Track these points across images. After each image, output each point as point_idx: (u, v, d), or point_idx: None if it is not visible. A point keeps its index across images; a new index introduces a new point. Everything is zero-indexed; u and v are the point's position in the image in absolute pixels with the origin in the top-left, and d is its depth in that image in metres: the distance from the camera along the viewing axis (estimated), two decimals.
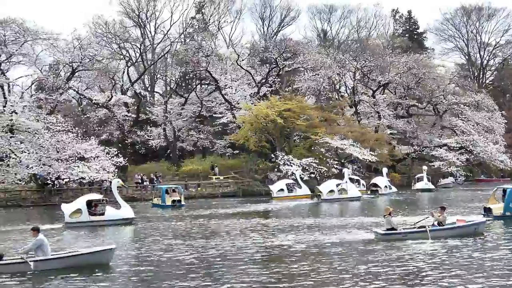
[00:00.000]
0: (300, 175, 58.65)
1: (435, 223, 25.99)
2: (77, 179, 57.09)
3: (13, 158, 56.19)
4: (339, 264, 20.07)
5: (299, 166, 61.59)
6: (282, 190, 56.53)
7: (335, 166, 64.90)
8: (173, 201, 49.22)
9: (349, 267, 19.39)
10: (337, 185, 53.71)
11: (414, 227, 26.06)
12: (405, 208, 42.63)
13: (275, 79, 76.43)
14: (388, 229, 25.54)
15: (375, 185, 60.49)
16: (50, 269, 19.85)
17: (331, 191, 52.80)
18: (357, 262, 20.25)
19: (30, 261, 19.70)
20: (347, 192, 53.60)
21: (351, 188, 54.94)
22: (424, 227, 25.34)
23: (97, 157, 57.63)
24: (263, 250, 23.73)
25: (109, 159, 57.94)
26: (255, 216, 38.43)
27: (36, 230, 20.66)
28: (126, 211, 36.62)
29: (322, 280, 17.61)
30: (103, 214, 36.24)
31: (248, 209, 44.56)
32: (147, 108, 79.64)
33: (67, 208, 36.21)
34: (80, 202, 36.71)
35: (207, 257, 22.41)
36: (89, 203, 36.91)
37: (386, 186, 60.49)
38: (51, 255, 20.56)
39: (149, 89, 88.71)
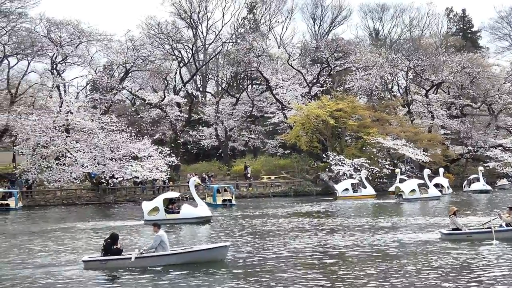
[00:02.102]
0: (365, 175, 58.33)
1: (503, 224, 25.55)
2: (130, 178, 57.96)
3: (68, 157, 57.42)
4: (406, 265, 19.88)
5: (350, 166, 61.23)
6: (347, 189, 56.23)
7: (387, 166, 64.26)
8: (224, 200, 49.49)
9: (413, 269, 19.11)
10: (419, 185, 53.37)
11: (481, 227, 25.77)
12: (469, 208, 41.98)
13: (326, 79, 76.09)
14: (453, 229, 25.30)
15: (437, 185, 59.45)
16: (167, 264, 20.27)
17: (413, 190, 52.35)
18: (423, 263, 20.01)
19: (135, 257, 20.17)
20: (427, 192, 53.11)
21: (431, 187, 54.40)
22: (490, 227, 24.98)
23: (150, 156, 58.31)
24: (342, 249, 23.64)
25: (162, 158, 58.58)
26: (326, 216, 38.25)
27: (157, 226, 21.20)
28: (202, 209, 36.49)
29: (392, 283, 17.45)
30: (179, 212, 36.47)
31: (315, 208, 44.46)
32: (199, 108, 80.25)
33: (146, 206, 36.74)
34: (158, 200, 37.20)
35: (304, 254, 22.73)
36: (169, 201, 37.37)
37: (447, 187, 59.90)
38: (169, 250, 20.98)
39: (201, 89, 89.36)
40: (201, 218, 35.74)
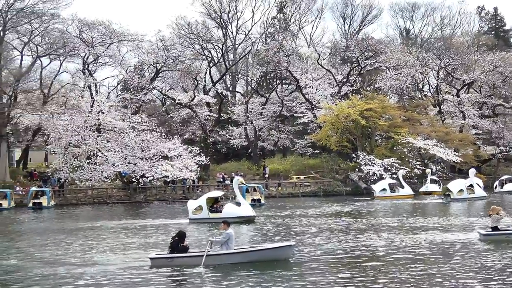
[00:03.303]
0: (402, 174, 57.95)
1: None
2: (160, 177, 58.37)
3: (100, 157, 58.09)
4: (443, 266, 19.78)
5: (380, 166, 60.94)
6: (384, 189, 55.88)
7: (418, 166, 63.79)
8: (253, 200, 49.55)
9: (452, 271, 18.94)
10: (467, 185, 53.05)
11: None
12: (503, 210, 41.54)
13: (357, 78, 75.76)
14: (492, 229, 25.16)
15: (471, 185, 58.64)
16: (232, 262, 20.40)
17: (461, 190, 51.92)
18: (462, 265, 19.94)
19: (206, 255, 20.30)
20: (474, 192, 52.74)
21: (477, 187, 53.99)
22: None
23: (180, 156, 58.70)
24: (396, 249, 23.65)
25: (192, 158, 58.95)
26: (370, 216, 38.18)
27: (226, 224, 21.29)
28: (245, 209, 36.32)
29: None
30: (221, 211, 36.43)
31: (354, 208, 44.43)
32: (229, 107, 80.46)
33: (191, 205, 37.03)
34: (202, 199, 37.47)
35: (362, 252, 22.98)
36: (215, 200, 37.59)
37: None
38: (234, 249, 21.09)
39: (230, 89, 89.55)
40: (243, 217, 35.38)
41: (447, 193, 51.80)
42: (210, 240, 21.14)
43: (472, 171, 58.26)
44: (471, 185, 53.55)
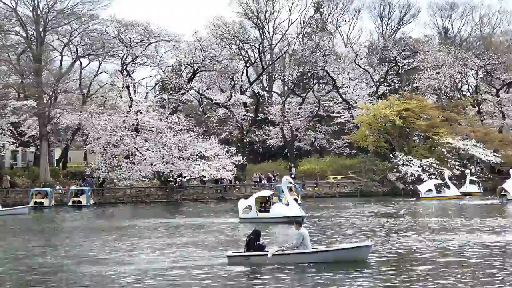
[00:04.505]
0: (448, 175, 57.39)
1: None
2: (198, 177, 58.68)
3: (138, 156, 58.68)
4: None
5: (418, 167, 60.40)
6: (430, 190, 55.14)
7: (457, 167, 63.04)
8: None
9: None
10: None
11: None
12: None
13: (394, 78, 75.18)
14: None
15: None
16: (308, 262, 20.20)
17: None
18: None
19: (272, 254, 20.15)
20: None
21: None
22: None
23: (217, 155, 58.98)
24: (467, 249, 23.33)
25: (229, 157, 59.19)
26: (419, 217, 37.78)
27: (298, 224, 21.11)
28: (293, 209, 35.53)
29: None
30: (268, 211, 36.37)
31: (401, 208, 44.14)
32: (265, 107, 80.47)
33: (241, 204, 37.14)
34: (251, 199, 37.52)
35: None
36: (266, 200, 37.54)
37: None
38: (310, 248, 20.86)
39: (267, 89, 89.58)
40: (290, 218, 34.05)
41: (503, 193, 50.77)
42: (284, 246, 20.80)
43: None
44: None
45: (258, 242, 21.03)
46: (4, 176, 58.22)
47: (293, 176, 66.44)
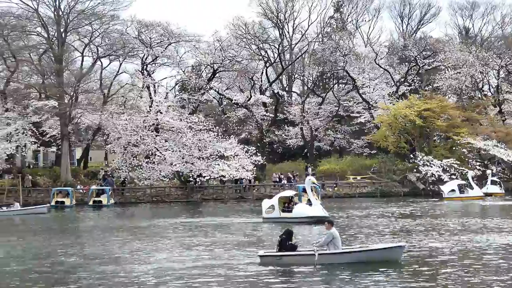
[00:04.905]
0: (472, 176, 57.03)
1: None
2: (217, 177, 58.78)
3: (158, 156, 58.93)
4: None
5: (439, 167, 60.05)
6: (453, 190, 54.84)
7: (478, 167, 62.58)
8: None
9: None
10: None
11: None
12: None
13: (415, 78, 74.83)
14: None
15: None
16: (339, 262, 20.15)
17: None
18: None
19: (318, 253, 20.09)
20: None
21: None
22: None
23: (237, 155, 59.02)
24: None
25: (248, 157, 59.20)
26: (450, 217, 37.62)
27: (330, 223, 21.11)
28: (316, 209, 35.60)
29: None
30: (291, 211, 36.29)
31: (424, 208, 43.94)
32: (285, 107, 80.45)
33: (265, 204, 37.12)
34: (274, 198, 37.53)
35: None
36: (289, 200, 37.60)
37: None
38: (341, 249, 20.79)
39: (286, 89, 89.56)
40: (313, 218, 34.70)
41: None
42: (314, 245, 20.82)
43: None
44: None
45: (290, 242, 20.98)
46: (26, 175, 58.71)
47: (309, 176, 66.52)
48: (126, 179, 60.03)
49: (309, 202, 48.09)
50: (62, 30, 63.08)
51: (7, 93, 61.46)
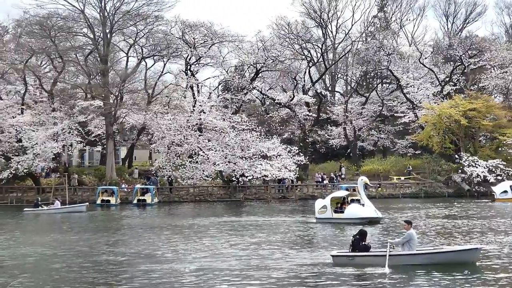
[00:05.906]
0: None
1: None
2: (260, 177, 58.88)
3: (201, 155, 59.30)
4: None
5: (485, 168, 59.16)
6: (505, 191, 53.77)
7: None
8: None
9: None
10: None
11: None
12: None
13: (460, 78, 73.85)
14: None
15: None
16: (414, 264, 19.75)
17: None
18: None
19: (389, 254, 19.71)
20: None
21: None
22: None
23: (279, 155, 59.00)
24: None
25: (291, 157, 59.12)
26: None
27: (409, 223, 20.83)
28: (367, 210, 35.24)
29: None
30: (343, 212, 36.19)
31: (478, 210, 43.27)
32: (328, 107, 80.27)
33: (318, 204, 37.05)
34: (327, 199, 37.46)
35: None
36: (343, 200, 37.59)
37: None
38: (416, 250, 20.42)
39: (329, 88, 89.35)
40: (365, 219, 34.33)
41: None
42: (390, 241, 20.53)
43: None
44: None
45: (363, 242, 20.79)
46: (72, 174, 59.70)
47: (342, 176, 66.33)
48: (171, 178, 60.57)
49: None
50: (107, 30, 63.94)
51: (54, 93, 62.51)
